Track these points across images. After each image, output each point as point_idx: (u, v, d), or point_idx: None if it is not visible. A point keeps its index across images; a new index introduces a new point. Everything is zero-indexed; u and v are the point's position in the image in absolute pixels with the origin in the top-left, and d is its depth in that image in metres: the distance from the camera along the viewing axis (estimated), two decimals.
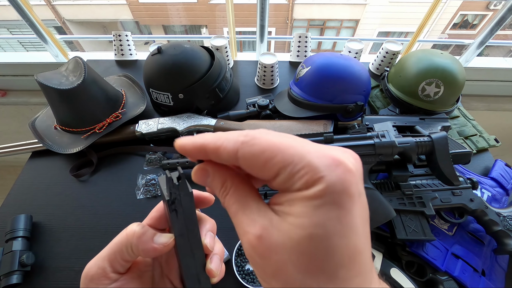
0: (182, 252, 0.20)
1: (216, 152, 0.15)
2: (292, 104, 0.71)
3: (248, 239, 0.14)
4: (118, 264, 0.20)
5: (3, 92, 1.11)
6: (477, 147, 0.69)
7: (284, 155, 0.14)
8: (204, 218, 0.23)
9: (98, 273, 0.19)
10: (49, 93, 0.62)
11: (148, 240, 0.19)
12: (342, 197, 0.13)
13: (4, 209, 0.61)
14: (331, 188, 0.13)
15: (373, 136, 0.48)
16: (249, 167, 0.15)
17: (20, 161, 0.72)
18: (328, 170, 0.13)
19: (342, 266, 0.13)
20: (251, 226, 0.14)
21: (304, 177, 0.13)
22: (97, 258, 0.20)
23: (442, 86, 0.65)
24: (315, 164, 0.13)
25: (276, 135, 0.15)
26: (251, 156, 0.14)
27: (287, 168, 0.13)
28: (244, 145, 0.14)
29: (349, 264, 0.13)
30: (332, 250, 0.12)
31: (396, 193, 0.53)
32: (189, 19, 4.72)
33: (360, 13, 4.52)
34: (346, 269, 0.13)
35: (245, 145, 0.14)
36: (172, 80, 0.67)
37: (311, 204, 0.13)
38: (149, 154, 0.69)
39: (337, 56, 0.67)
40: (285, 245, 0.13)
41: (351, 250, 0.13)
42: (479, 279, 0.50)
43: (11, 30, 4.43)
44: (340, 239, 0.13)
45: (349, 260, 0.13)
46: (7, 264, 0.50)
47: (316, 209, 0.13)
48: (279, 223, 0.14)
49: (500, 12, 0.83)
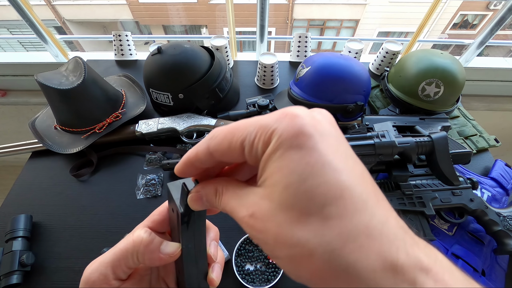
0: (187, 261, 0.20)
1: (196, 158, 0.17)
2: (292, 104, 0.71)
3: (245, 222, 0.14)
4: (121, 271, 0.19)
5: (3, 92, 1.11)
6: (477, 147, 0.69)
7: (240, 131, 0.15)
8: (209, 226, 0.23)
9: (100, 279, 0.19)
10: (49, 93, 0.62)
11: (155, 249, 0.19)
12: (298, 139, 0.13)
13: (4, 209, 0.61)
14: (284, 136, 0.13)
15: (373, 136, 0.48)
16: (222, 156, 0.16)
17: (20, 161, 0.72)
18: (277, 122, 0.13)
19: (328, 204, 0.12)
20: (244, 210, 0.15)
21: (260, 139, 0.14)
22: (99, 263, 0.19)
23: (442, 86, 0.65)
24: (265, 123, 0.14)
25: (236, 122, 0.16)
26: (217, 145, 0.15)
27: (246, 139, 0.14)
28: (211, 140, 0.16)
29: (336, 201, 0.12)
30: (311, 192, 0.12)
31: (396, 193, 0.53)
32: (189, 19, 4.72)
33: (360, 13, 4.52)
34: (335, 206, 0.12)
35: (211, 140, 0.16)
36: (172, 80, 0.67)
37: (275, 157, 0.13)
38: (149, 154, 0.69)
39: (337, 56, 0.67)
40: (272, 208, 0.13)
41: (332, 186, 0.12)
42: (479, 279, 0.50)
43: (11, 30, 4.43)
44: (314, 178, 0.12)
45: (335, 196, 0.12)
46: (7, 264, 0.50)
47: (280, 161, 0.13)
48: (262, 192, 0.14)
49: (500, 12, 0.83)
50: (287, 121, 0.13)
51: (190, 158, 0.17)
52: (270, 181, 0.13)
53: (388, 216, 0.12)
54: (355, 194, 0.12)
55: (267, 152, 0.13)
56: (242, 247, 0.54)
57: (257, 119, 0.14)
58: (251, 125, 0.14)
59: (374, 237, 0.11)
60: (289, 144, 0.13)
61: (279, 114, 0.14)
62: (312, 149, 0.12)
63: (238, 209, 0.15)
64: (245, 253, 0.53)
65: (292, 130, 0.13)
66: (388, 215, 0.13)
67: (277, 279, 0.49)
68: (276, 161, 0.13)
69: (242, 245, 0.54)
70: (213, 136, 0.16)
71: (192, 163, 0.17)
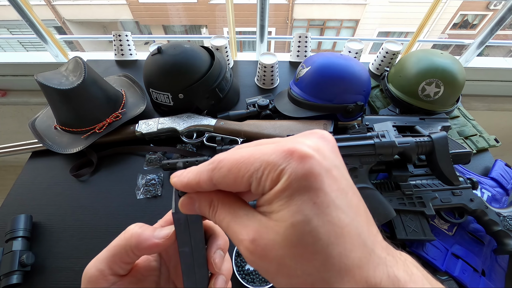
0: (185, 267, 0.20)
1: (198, 186, 0.17)
2: (292, 104, 0.71)
3: (244, 245, 0.15)
4: (117, 266, 0.20)
5: (3, 92, 1.11)
6: (477, 147, 0.69)
7: (246, 165, 0.15)
8: (217, 234, 0.22)
9: (96, 275, 0.19)
10: (49, 93, 0.62)
11: (148, 237, 0.19)
12: (306, 180, 0.13)
13: (4, 209, 0.61)
14: (292, 177, 0.13)
15: (373, 136, 0.48)
16: (227, 187, 0.16)
17: (20, 161, 0.72)
18: (285, 161, 0.14)
19: (331, 244, 0.13)
20: (244, 233, 0.15)
21: (269, 177, 0.14)
22: (96, 259, 0.20)
23: (442, 86, 0.65)
24: (272, 161, 0.14)
25: (239, 151, 0.16)
26: (222, 178, 0.16)
27: (253, 175, 0.14)
28: (215, 172, 0.16)
29: (337, 240, 0.13)
30: (316, 231, 0.13)
31: (396, 193, 0.53)
32: (189, 19, 4.72)
33: (360, 13, 4.52)
34: (336, 245, 0.13)
35: (215, 171, 0.16)
36: (172, 80, 0.67)
37: (283, 196, 0.14)
38: (149, 154, 0.69)
39: (337, 56, 0.67)
40: (276, 240, 0.14)
41: (334, 225, 0.13)
42: (479, 279, 0.50)
43: (11, 30, 4.43)
44: (319, 218, 0.13)
45: (336, 236, 0.13)
46: (7, 264, 0.50)
47: (289, 200, 0.13)
48: (267, 222, 0.14)
49: (500, 12, 0.83)
50: (295, 162, 0.14)
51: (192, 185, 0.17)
52: (277, 216, 0.14)
53: (375, 242, 0.14)
54: (353, 230, 0.13)
55: (275, 190, 0.14)
56: None
57: (262, 152, 0.15)
58: (257, 160, 0.14)
59: (364, 267, 0.13)
60: (297, 185, 0.13)
61: (285, 151, 0.14)
62: (318, 190, 0.13)
63: (236, 229, 0.15)
64: None
65: (301, 172, 0.13)
66: (375, 241, 0.14)
67: None
68: (283, 199, 0.14)
69: None
70: (216, 167, 0.16)
71: (193, 189, 0.17)
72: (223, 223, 0.16)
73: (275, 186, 0.14)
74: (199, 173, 0.17)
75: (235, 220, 0.16)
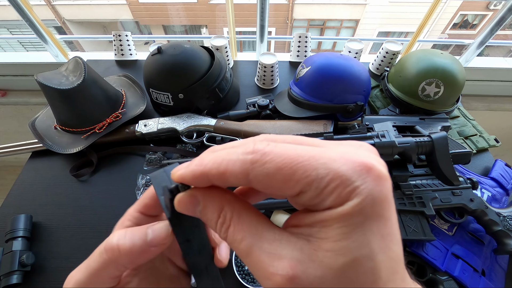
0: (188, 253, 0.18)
1: (221, 178, 0.13)
2: (292, 104, 0.71)
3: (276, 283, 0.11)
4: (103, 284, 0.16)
5: (3, 92, 1.11)
6: (477, 147, 0.69)
7: (306, 169, 0.11)
8: None
9: None
10: (49, 93, 0.62)
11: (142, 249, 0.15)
12: (381, 207, 0.11)
13: (4, 209, 0.61)
14: (369, 199, 0.11)
15: (373, 136, 0.48)
16: (265, 189, 0.12)
17: (20, 161, 0.72)
18: (361, 178, 0.11)
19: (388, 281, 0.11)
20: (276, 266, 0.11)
21: (335, 191, 0.11)
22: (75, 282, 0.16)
23: (442, 86, 0.65)
24: (344, 173, 0.11)
25: (289, 146, 0.12)
26: (266, 177, 0.12)
27: (313, 184, 0.11)
28: (256, 166, 0.12)
29: (393, 276, 0.11)
30: (379, 269, 0.11)
31: (396, 193, 0.53)
32: (189, 19, 4.72)
33: (360, 13, 4.51)
34: (392, 282, 0.11)
35: (257, 165, 0.12)
36: (172, 80, 0.67)
37: (350, 222, 0.11)
38: (149, 154, 0.69)
39: (337, 56, 0.67)
40: (325, 278, 0.11)
41: (394, 261, 0.11)
42: (479, 279, 0.50)
43: (11, 30, 4.43)
44: (384, 253, 0.11)
45: (393, 272, 0.11)
46: (7, 264, 0.50)
47: (357, 227, 0.11)
48: (313, 252, 0.11)
49: (500, 12, 0.83)
50: (372, 182, 0.11)
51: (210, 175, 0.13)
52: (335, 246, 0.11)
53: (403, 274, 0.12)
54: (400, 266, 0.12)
55: (341, 211, 0.11)
56: None
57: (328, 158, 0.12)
58: (322, 167, 0.11)
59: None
60: (370, 212, 0.11)
61: (361, 166, 0.11)
62: (387, 220, 0.12)
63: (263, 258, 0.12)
64: None
65: (378, 197, 0.11)
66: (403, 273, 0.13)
67: None
68: (350, 226, 0.11)
69: None
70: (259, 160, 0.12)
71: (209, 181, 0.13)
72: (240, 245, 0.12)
73: (341, 205, 0.11)
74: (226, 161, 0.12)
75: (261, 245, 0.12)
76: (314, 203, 0.12)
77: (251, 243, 0.12)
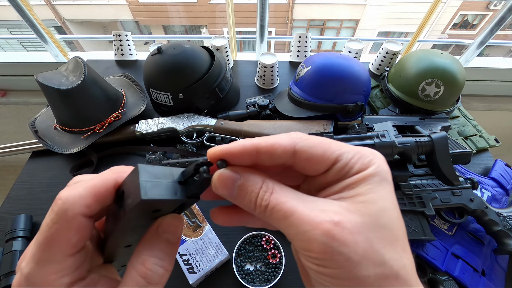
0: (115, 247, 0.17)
1: (270, 150, 0.15)
2: (292, 104, 0.71)
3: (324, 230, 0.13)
4: None
5: (3, 92, 1.11)
6: (477, 147, 0.69)
7: (335, 146, 0.15)
8: None
9: None
10: (49, 93, 0.62)
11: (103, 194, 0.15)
12: (388, 175, 0.15)
13: (4, 209, 0.61)
14: (381, 167, 0.15)
15: (373, 136, 0.48)
16: (307, 159, 0.15)
17: (20, 161, 0.72)
18: (373, 155, 0.15)
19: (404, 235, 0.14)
20: (323, 216, 0.13)
21: (359, 161, 0.15)
22: None
23: (442, 86, 0.65)
24: (361, 151, 0.15)
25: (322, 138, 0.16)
26: (309, 148, 0.15)
27: (343, 155, 0.15)
28: (301, 140, 0.15)
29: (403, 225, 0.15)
30: (397, 221, 0.14)
31: (396, 193, 0.52)
32: (189, 19, 4.72)
33: (360, 13, 4.51)
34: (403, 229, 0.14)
35: (301, 140, 0.15)
36: (172, 80, 0.67)
37: (373, 180, 0.14)
38: (149, 154, 0.69)
39: (337, 56, 0.67)
40: (366, 223, 0.13)
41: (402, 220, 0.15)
42: (479, 279, 0.50)
43: (11, 30, 4.43)
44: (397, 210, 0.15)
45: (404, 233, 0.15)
46: (7, 264, 0.50)
47: (378, 185, 0.14)
48: (349, 205, 0.14)
49: (500, 12, 0.83)
50: (380, 159, 0.15)
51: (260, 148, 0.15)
52: (365, 198, 0.14)
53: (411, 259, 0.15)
54: None
55: (366, 173, 0.15)
56: (242, 247, 0.54)
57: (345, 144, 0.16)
58: (345, 146, 0.16)
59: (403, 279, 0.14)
60: (384, 176, 0.15)
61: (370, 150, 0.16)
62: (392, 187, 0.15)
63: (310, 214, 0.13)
64: (245, 253, 0.53)
65: (386, 167, 0.15)
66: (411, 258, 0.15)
67: (277, 279, 0.49)
68: (372, 184, 0.14)
69: (242, 245, 0.54)
70: (302, 138, 0.16)
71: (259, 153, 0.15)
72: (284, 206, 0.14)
73: (364, 170, 0.15)
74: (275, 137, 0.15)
75: (304, 204, 0.14)
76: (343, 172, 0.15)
77: (296, 203, 0.14)
